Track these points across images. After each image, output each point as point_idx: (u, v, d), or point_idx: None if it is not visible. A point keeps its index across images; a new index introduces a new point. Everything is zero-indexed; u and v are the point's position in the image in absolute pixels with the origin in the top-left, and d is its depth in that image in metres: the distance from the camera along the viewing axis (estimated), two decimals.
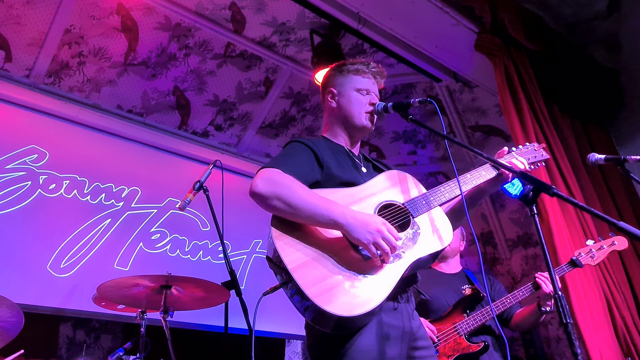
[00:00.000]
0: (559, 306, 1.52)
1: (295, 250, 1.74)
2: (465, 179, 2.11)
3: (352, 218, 1.77)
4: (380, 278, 1.76)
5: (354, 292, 1.69)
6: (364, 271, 1.75)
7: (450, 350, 2.99)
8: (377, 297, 1.71)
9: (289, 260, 1.70)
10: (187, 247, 5.03)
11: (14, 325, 2.46)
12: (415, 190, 2.05)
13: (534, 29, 4.58)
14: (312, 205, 1.77)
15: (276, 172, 1.85)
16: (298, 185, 1.83)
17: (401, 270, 1.80)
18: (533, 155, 2.36)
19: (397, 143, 6.32)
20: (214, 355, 4.77)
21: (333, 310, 1.63)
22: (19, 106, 4.47)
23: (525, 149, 2.38)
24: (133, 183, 4.89)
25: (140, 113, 5.12)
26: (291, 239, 1.77)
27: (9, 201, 4.17)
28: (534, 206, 1.64)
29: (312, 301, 1.63)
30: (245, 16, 4.77)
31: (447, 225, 1.99)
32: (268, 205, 1.80)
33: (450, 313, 3.14)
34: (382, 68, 2.25)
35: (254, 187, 1.82)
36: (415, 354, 1.87)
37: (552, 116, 4.38)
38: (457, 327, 3.06)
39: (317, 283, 1.67)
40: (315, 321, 1.71)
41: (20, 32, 4.32)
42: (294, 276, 1.67)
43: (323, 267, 1.72)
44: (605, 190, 4.45)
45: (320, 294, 1.65)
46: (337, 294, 1.67)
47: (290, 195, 1.78)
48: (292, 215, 1.79)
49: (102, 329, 4.63)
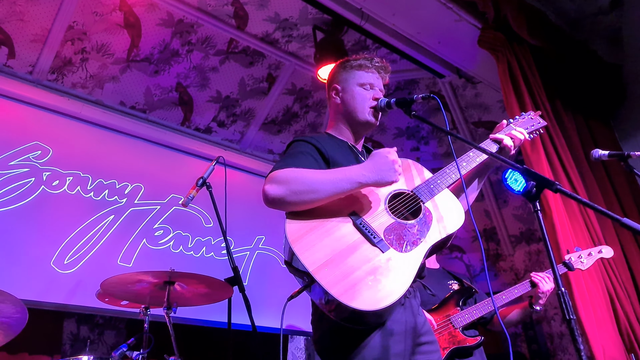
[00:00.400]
0: (562, 302, 1.52)
1: (314, 252, 1.74)
2: (469, 157, 2.13)
3: (368, 171, 1.83)
4: (400, 269, 1.76)
5: (377, 286, 1.69)
6: (384, 263, 1.76)
7: (446, 343, 2.99)
8: (400, 287, 1.72)
9: (309, 263, 1.70)
10: (190, 243, 5.04)
11: (18, 321, 2.47)
12: (420, 177, 2.06)
13: (537, 25, 4.57)
14: (331, 180, 1.80)
15: (280, 172, 1.85)
16: (304, 170, 1.84)
17: (420, 258, 1.82)
18: (531, 124, 2.35)
19: (400, 139, 6.32)
20: (217, 351, 4.79)
21: (359, 306, 1.63)
22: (22, 102, 4.48)
23: (522, 119, 2.36)
24: (136, 179, 4.90)
25: (143, 109, 5.13)
26: (308, 241, 1.77)
27: (13, 197, 4.18)
28: (537, 202, 1.64)
29: (339, 300, 1.63)
30: (247, 12, 4.77)
31: (457, 207, 2.00)
32: (288, 204, 1.80)
33: (442, 306, 3.15)
34: (386, 63, 2.24)
35: (267, 194, 1.81)
36: (420, 349, 1.88)
37: (555, 112, 4.37)
38: (452, 319, 3.07)
39: (339, 281, 1.68)
40: (346, 320, 1.72)
41: (23, 28, 4.33)
42: (316, 278, 1.67)
43: (344, 264, 1.72)
44: (609, 186, 4.44)
45: (345, 291, 1.65)
46: (361, 290, 1.67)
47: (304, 182, 1.79)
48: (314, 200, 1.79)
49: (105, 324, 4.66)
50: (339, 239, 1.79)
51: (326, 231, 1.80)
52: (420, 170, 2.10)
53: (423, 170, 2.11)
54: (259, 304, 4.27)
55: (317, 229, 1.80)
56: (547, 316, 5.98)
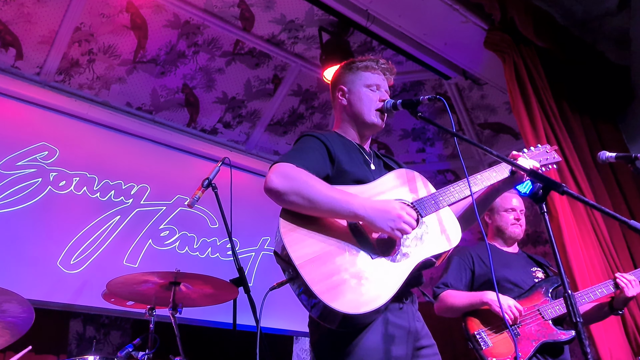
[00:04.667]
0: (568, 305, 1.51)
1: (303, 247, 1.74)
2: (476, 179, 2.10)
3: (371, 209, 1.79)
4: (388, 277, 1.75)
5: (360, 290, 1.69)
6: (371, 269, 1.75)
7: (535, 335, 2.82)
8: (384, 295, 1.71)
9: (296, 256, 1.70)
10: (195, 244, 5.05)
11: (25, 320, 2.48)
12: (424, 190, 2.04)
13: (544, 26, 4.55)
14: (331, 199, 1.78)
15: (290, 166, 1.84)
16: (314, 179, 1.83)
17: (408, 270, 1.80)
18: (544, 157, 2.34)
19: (405, 141, 6.31)
20: (222, 351, 4.79)
21: (339, 308, 1.63)
22: (29, 103, 4.50)
23: (537, 151, 2.36)
24: (142, 180, 4.92)
25: (150, 110, 5.14)
26: (299, 235, 1.76)
27: (20, 198, 4.20)
28: (543, 204, 1.63)
29: (319, 298, 1.63)
30: (254, 13, 4.77)
31: (455, 226, 1.98)
32: (285, 201, 1.80)
33: (528, 294, 2.97)
34: (391, 65, 2.25)
35: (269, 183, 1.80)
36: (420, 353, 1.87)
37: (562, 113, 4.35)
38: (541, 310, 2.89)
39: (324, 279, 1.67)
40: (322, 318, 1.71)
41: (31, 30, 4.35)
42: (301, 272, 1.67)
43: (331, 263, 1.72)
44: (616, 188, 4.41)
45: (327, 290, 1.65)
46: (344, 291, 1.67)
47: (308, 190, 1.78)
48: (310, 210, 1.79)
49: (111, 325, 4.67)
50: (331, 238, 1.79)
51: (319, 229, 1.80)
52: (425, 183, 2.08)
53: (427, 184, 2.09)
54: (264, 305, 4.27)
55: (311, 226, 1.80)
56: None
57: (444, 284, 3.08)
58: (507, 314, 2.79)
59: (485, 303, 2.87)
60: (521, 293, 2.98)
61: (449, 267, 3.15)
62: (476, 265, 3.14)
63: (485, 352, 2.79)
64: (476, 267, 3.14)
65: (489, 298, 2.86)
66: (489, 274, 3.03)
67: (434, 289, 3.11)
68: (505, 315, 2.78)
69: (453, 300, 2.99)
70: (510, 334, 2.81)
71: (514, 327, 2.83)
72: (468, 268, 3.14)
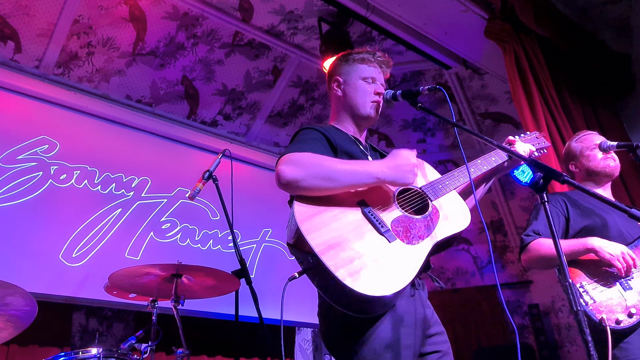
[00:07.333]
0: (569, 294, 1.51)
1: (321, 234, 1.73)
2: (476, 164, 2.18)
3: (388, 169, 1.85)
4: (407, 259, 1.77)
5: (383, 273, 1.70)
6: (390, 253, 1.76)
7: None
8: (404, 277, 1.72)
9: (315, 244, 1.69)
10: (197, 236, 5.06)
11: (28, 313, 2.49)
12: (430, 175, 2.08)
13: (545, 15, 4.53)
14: (349, 171, 1.81)
15: (296, 154, 1.83)
16: (325, 158, 1.83)
17: (426, 252, 1.82)
18: (536, 143, 2.43)
19: (406, 131, 6.30)
20: (224, 343, 4.82)
21: (364, 290, 1.63)
22: (29, 97, 4.50)
23: (529, 137, 2.46)
24: (143, 173, 4.92)
25: (149, 103, 5.13)
26: (315, 224, 1.76)
27: (21, 191, 4.20)
28: (544, 193, 1.63)
29: (344, 283, 1.63)
30: (252, 4, 4.75)
31: (464, 208, 2.01)
32: (303, 187, 1.77)
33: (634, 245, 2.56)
34: (388, 57, 2.24)
35: (283, 175, 1.76)
36: (429, 341, 1.88)
37: (563, 102, 4.34)
38: None
39: (345, 265, 1.67)
40: (344, 304, 1.71)
41: (29, 22, 4.33)
42: (322, 259, 1.66)
43: (350, 249, 1.72)
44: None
45: (349, 275, 1.65)
46: (366, 275, 1.67)
47: (324, 169, 1.78)
48: (330, 189, 1.79)
49: (114, 317, 4.69)
50: (347, 224, 1.78)
51: (334, 216, 1.80)
52: (429, 169, 2.13)
53: (432, 170, 2.13)
54: (266, 296, 4.29)
55: (326, 213, 1.79)
56: (555, 308, 5.97)
57: (534, 232, 2.67)
58: (620, 261, 2.40)
59: (590, 250, 2.46)
60: (627, 243, 2.55)
61: (538, 214, 2.75)
62: (570, 210, 2.73)
63: (594, 308, 2.39)
64: (571, 212, 2.72)
65: (595, 244, 2.45)
66: (586, 220, 2.67)
67: (523, 237, 2.70)
68: (617, 264, 2.40)
69: (547, 249, 2.55)
70: (622, 286, 2.43)
71: (625, 279, 2.45)
72: (561, 214, 2.73)
